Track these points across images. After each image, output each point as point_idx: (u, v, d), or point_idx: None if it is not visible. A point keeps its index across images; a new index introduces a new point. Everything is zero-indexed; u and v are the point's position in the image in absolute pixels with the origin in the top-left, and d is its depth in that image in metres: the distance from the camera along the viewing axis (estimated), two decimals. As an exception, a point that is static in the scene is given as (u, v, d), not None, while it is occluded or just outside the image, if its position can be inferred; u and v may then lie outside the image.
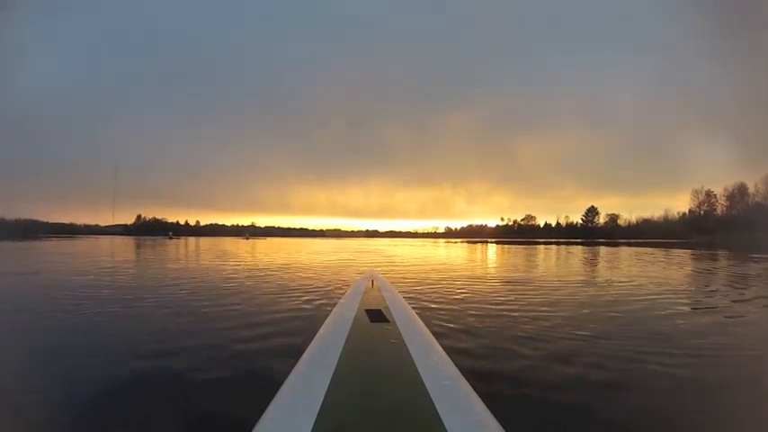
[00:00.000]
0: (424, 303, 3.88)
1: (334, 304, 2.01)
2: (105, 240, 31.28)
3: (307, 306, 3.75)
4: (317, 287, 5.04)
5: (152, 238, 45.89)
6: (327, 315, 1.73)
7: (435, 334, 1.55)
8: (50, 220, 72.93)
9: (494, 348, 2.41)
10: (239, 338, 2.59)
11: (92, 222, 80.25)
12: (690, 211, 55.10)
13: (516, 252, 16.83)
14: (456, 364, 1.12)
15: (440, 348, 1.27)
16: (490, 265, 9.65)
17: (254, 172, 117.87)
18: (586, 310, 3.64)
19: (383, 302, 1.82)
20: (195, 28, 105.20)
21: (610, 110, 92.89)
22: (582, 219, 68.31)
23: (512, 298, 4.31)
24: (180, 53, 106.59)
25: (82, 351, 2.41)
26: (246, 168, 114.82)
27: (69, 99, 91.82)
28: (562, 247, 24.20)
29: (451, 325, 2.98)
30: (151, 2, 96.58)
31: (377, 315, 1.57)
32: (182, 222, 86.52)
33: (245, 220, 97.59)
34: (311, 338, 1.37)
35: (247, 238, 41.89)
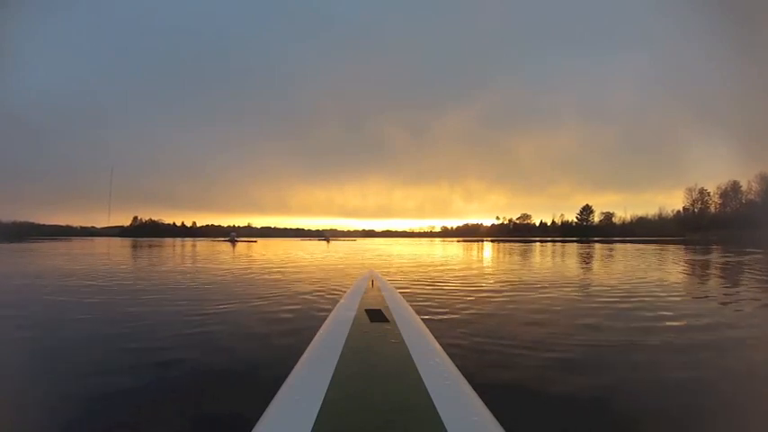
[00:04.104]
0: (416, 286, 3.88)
1: (335, 304, 2.00)
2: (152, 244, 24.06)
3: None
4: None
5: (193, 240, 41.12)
6: (327, 315, 1.72)
7: (432, 329, 1.54)
8: (46, 223, 72.31)
9: (487, 343, 2.40)
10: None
11: (87, 224, 79.42)
12: (684, 208, 55.70)
13: (508, 249, 16.94)
14: (456, 364, 1.12)
15: (440, 348, 1.27)
16: (481, 261, 9.68)
17: (251, 172, 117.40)
18: (579, 305, 3.66)
19: (383, 302, 1.82)
20: (192, 29, 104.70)
21: (606, 108, 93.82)
22: (577, 217, 68.74)
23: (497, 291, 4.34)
24: (177, 54, 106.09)
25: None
26: (243, 169, 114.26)
27: (65, 100, 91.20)
28: (557, 245, 24.40)
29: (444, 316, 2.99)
30: (148, 3, 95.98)
31: (377, 315, 1.57)
32: (178, 224, 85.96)
33: (241, 221, 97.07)
34: (311, 338, 1.37)
35: (329, 241, 37.56)
